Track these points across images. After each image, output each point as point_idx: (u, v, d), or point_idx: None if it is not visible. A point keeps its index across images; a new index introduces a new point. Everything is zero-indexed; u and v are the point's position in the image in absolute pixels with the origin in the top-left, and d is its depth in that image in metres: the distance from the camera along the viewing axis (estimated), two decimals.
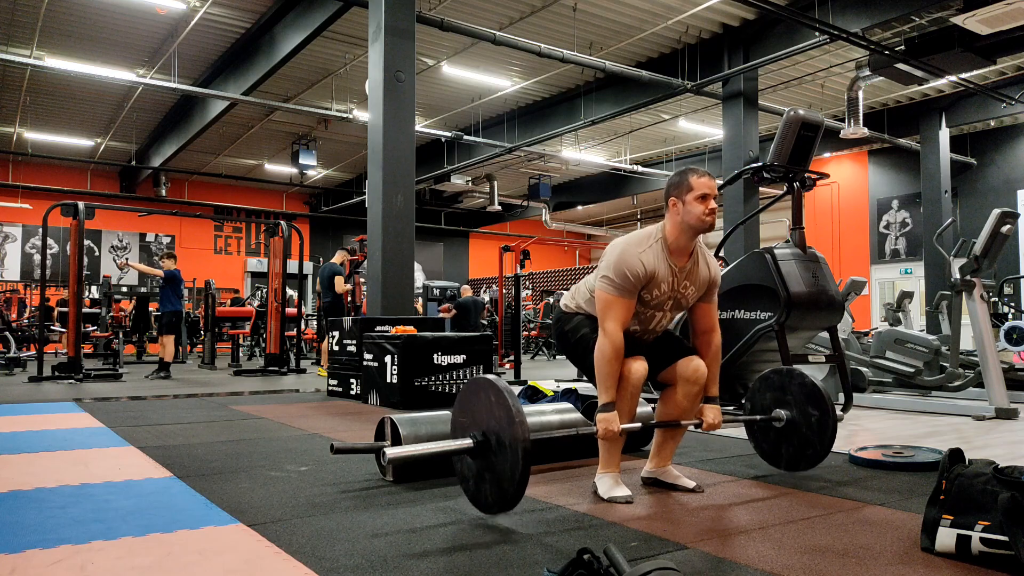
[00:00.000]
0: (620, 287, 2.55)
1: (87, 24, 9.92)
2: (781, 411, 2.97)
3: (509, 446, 2.16)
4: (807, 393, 2.91)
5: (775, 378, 3.04)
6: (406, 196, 6.94)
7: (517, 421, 2.13)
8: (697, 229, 2.58)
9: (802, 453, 2.95)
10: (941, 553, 1.98)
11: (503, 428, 2.19)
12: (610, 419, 2.51)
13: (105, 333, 12.63)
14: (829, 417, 2.85)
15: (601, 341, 2.53)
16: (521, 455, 2.11)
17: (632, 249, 2.58)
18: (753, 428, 3.13)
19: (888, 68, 9.73)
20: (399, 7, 7.05)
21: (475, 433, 2.30)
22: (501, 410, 2.21)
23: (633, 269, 2.54)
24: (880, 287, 15.93)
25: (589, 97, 12.19)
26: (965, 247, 5.67)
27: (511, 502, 2.20)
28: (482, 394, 2.30)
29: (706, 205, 2.55)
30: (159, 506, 2.55)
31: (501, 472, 2.20)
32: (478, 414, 2.32)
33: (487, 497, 2.28)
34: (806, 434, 2.91)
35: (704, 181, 2.58)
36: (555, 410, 3.42)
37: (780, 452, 3.03)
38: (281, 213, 19.21)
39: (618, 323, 2.53)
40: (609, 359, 2.51)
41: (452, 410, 2.45)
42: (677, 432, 2.82)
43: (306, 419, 4.95)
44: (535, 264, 17.39)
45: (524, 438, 2.12)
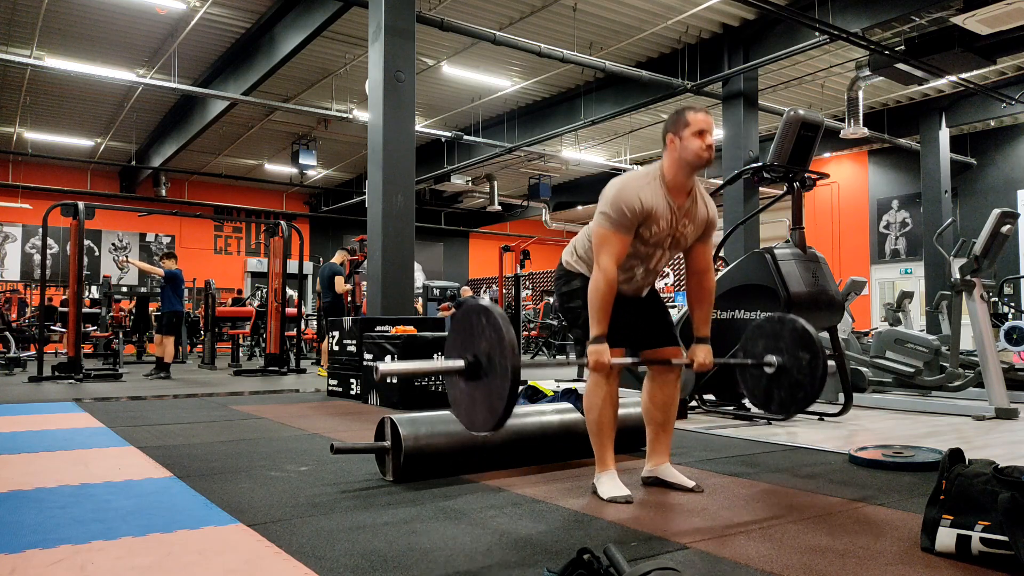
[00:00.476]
0: (617, 223, 2.55)
1: (87, 24, 9.92)
2: (772, 356, 2.98)
3: (499, 364, 2.20)
4: (798, 338, 2.93)
5: (767, 325, 3.06)
6: (406, 196, 6.94)
7: (507, 341, 2.17)
8: (694, 165, 2.59)
9: (793, 396, 2.95)
10: (941, 553, 1.98)
11: (494, 348, 2.22)
12: (601, 351, 2.52)
13: (105, 333, 12.63)
14: (820, 360, 2.86)
15: (595, 275, 2.55)
16: (511, 372, 2.15)
17: (631, 184, 2.59)
18: (745, 375, 3.14)
19: (888, 68, 9.73)
20: (399, 7, 7.05)
21: (467, 355, 2.33)
22: (492, 331, 2.24)
23: (631, 204, 2.54)
24: (880, 287, 15.93)
25: (589, 97, 12.18)
26: (965, 247, 5.68)
27: (501, 418, 2.21)
28: (474, 319, 2.33)
29: (703, 140, 2.57)
30: (159, 506, 2.55)
31: (492, 390, 2.23)
32: (470, 338, 2.35)
33: (478, 416, 2.31)
34: (797, 378, 2.92)
35: (701, 117, 2.59)
36: (555, 410, 3.42)
37: (772, 396, 3.03)
38: (281, 213, 19.21)
39: (613, 258, 2.55)
40: (603, 293, 2.52)
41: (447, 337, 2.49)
42: (668, 426, 2.82)
43: (306, 419, 4.95)
44: (535, 264, 17.38)
45: (514, 355, 2.16)
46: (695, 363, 2.72)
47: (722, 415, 5.04)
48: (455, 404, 2.43)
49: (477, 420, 2.31)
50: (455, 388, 2.41)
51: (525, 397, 4.25)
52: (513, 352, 2.15)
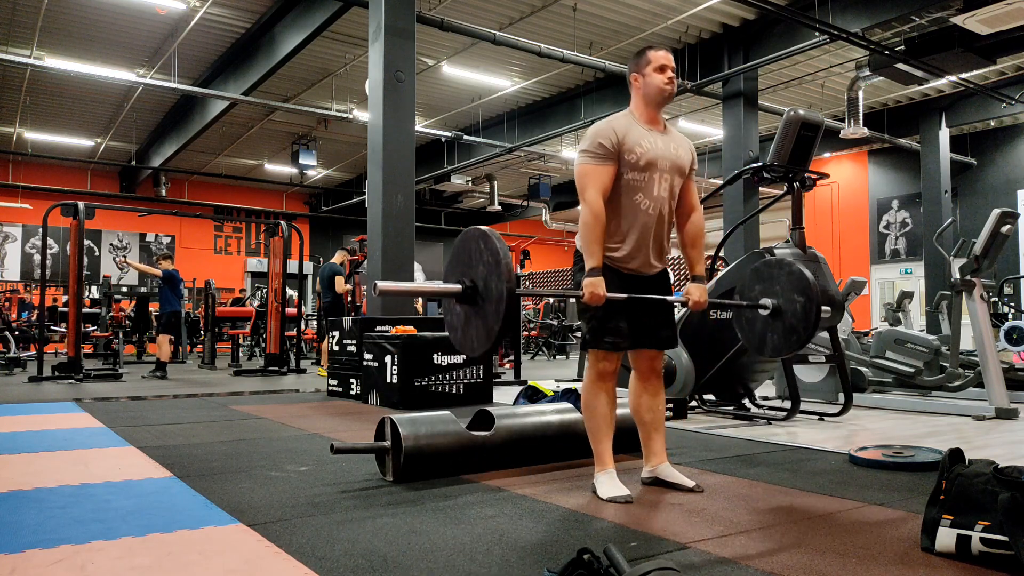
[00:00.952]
0: (595, 155, 2.63)
1: (87, 24, 9.92)
2: (767, 300, 3.01)
3: (495, 287, 2.23)
4: (793, 281, 2.96)
5: (764, 270, 3.09)
6: (406, 196, 6.94)
7: (503, 263, 2.20)
8: (658, 99, 2.72)
9: (786, 340, 2.98)
10: (941, 553, 1.98)
11: (490, 271, 2.25)
12: (596, 283, 2.54)
13: (105, 333, 12.63)
14: (813, 303, 2.89)
15: (583, 211, 2.61)
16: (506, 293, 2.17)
17: (603, 122, 2.72)
18: (741, 320, 3.16)
19: (888, 68, 9.73)
20: (399, 7, 7.05)
21: (464, 280, 2.36)
22: (489, 255, 2.27)
23: (604, 133, 2.64)
24: (880, 287, 15.93)
25: (589, 97, 12.18)
26: (965, 247, 5.68)
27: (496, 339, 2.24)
28: (472, 244, 2.36)
29: (664, 75, 2.71)
30: (159, 506, 2.55)
31: (487, 311, 2.26)
32: (468, 264, 2.38)
33: (473, 338, 2.34)
34: (791, 321, 2.95)
35: (661, 54, 2.75)
36: (555, 410, 3.42)
37: (766, 340, 3.07)
38: (281, 213, 19.21)
39: (597, 190, 2.60)
40: (591, 226, 2.58)
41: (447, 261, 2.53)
42: (658, 425, 2.82)
43: (306, 419, 4.95)
44: (535, 264, 17.39)
45: (509, 278, 2.19)
46: (691, 301, 2.77)
47: (722, 415, 5.04)
48: (451, 328, 2.48)
49: (471, 342, 2.36)
50: (451, 312, 2.46)
51: (525, 397, 4.26)
52: (509, 275, 2.19)
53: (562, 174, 18.30)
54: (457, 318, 2.42)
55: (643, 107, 2.75)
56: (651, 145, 2.68)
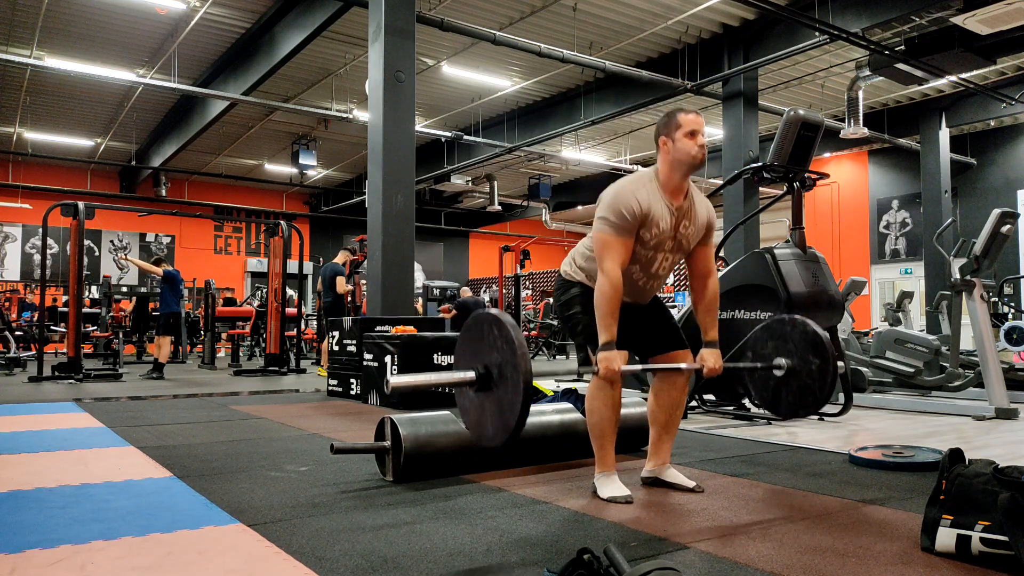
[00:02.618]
0: (617, 226, 2.55)
1: (87, 24, 9.92)
2: (782, 359, 2.95)
3: (511, 377, 2.17)
4: (808, 341, 2.88)
5: (777, 327, 3.01)
6: (406, 196, 6.94)
7: (520, 353, 2.14)
8: (689, 165, 2.60)
9: (802, 400, 2.90)
10: (941, 553, 1.98)
11: (506, 359, 2.20)
12: (611, 357, 2.51)
13: (105, 333, 12.63)
14: (829, 364, 2.82)
15: (601, 281, 2.54)
16: (523, 385, 2.12)
17: (627, 187, 2.60)
18: (754, 377, 3.10)
19: (888, 68, 9.73)
20: (399, 7, 7.05)
21: (478, 366, 2.30)
22: (504, 342, 2.21)
23: (629, 206, 2.55)
24: (880, 287, 15.93)
25: (589, 97, 12.18)
26: (965, 247, 5.67)
27: (514, 432, 2.18)
28: (485, 328, 2.30)
29: (695, 141, 2.58)
30: (159, 506, 2.55)
31: (503, 402, 2.20)
32: (481, 348, 2.32)
33: (489, 428, 2.28)
34: (806, 382, 2.88)
35: (692, 118, 2.61)
36: (555, 410, 3.42)
37: (780, 400, 2.99)
38: (281, 213, 19.21)
39: (616, 263, 2.54)
40: (609, 298, 2.51)
41: (456, 344, 2.46)
42: (671, 428, 2.83)
43: (306, 419, 4.95)
44: (535, 264, 17.39)
45: (526, 368, 2.13)
46: (705, 368, 2.71)
47: (722, 415, 5.04)
48: (465, 414, 2.41)
49: (488, 432, 2.29)
50: (465, 398, 2.39)
51: None
52: (526, 364, 2.13)
53: (562, 174, 18.30)
54: (471, 403, 2.35)
55: (669, 173, 2.62)
56: (666, 226, 2.61)
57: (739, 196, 10.59)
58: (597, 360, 2.52)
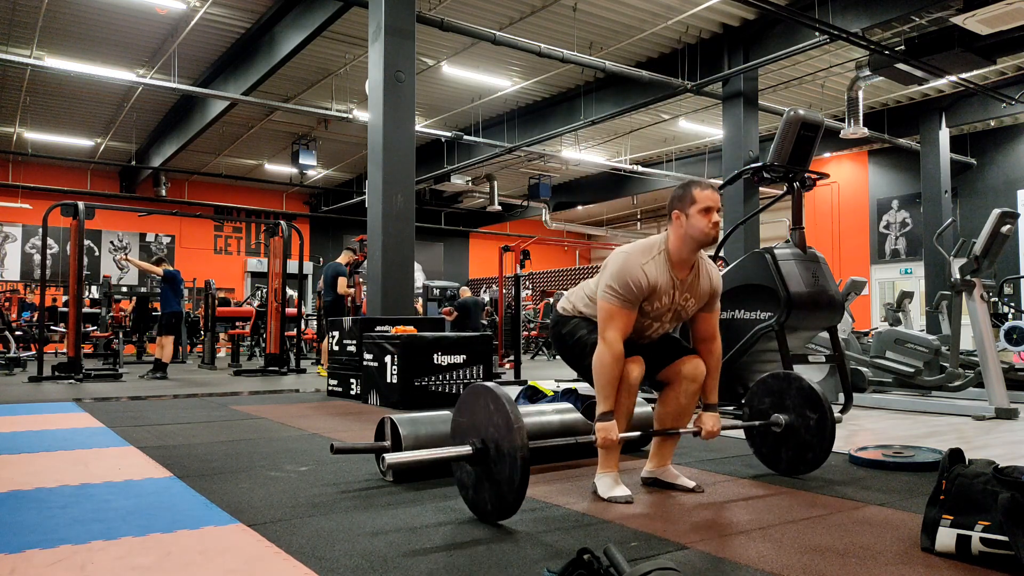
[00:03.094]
0: (622, 298, 2.54)
1: (87, 24, 9.92)
2: (780, 416, 2.96)
3: (508, 454, 2.16)
4: (805, 397, 2.91)
5: (773, 383, 3.03)
6: (406, 196, 6.94)
7: (516, 428, 2.13)
8: (701, 242, 2.58)
9: (802, 457, 2.95)
10: (941, 553, 1.98)
11: (502, 436, 2.19)
12: (609, 428, 2.52)
13: (105, 333, 12.63)
14: (827, 420, 2.85)
15: (601, 350, 2.53)
16: (520, 464, 2.11)
17: (635, 259, 2.58)
18: (752, 433, 3.13)
19: (888, 68, 9.73)
20: (399, 7, 7.05)
21: (474, 440, 2.30)
22: (500, 417, 2.21)
23: (636, 280, 2.54)
24: (880, 287, 15.93)
25: (589, 97, 12.18)
26: (965, 247, 5.67)
27: (510, 510, 2.20)
28: (481, 401, 2.30)
29: (709, 218, 2.54)
30: (159, 506, 2.55)
31: (500, 480, 2.20)
32: (478, 421, 2.32)
33: (486, 504, 2.29)
34: (805, 438, 2.91)
35: (707, 194, 2.57)
36: (555, 410, 3.42)
37: (780, 456, 3.03)
38: (281, 213, 19.21)
39: (619, 333, 2.53)
40: (609, 367, 2.51)
41: (452, 416, 2.45)
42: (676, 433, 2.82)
43: (306, 419, 4.95)
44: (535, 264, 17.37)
45: (523, 446, 2.12)
46: (703, 431, 2.71)
47: (722, 415, 5.03)
48: (463, 486, 2.42)
49: (485, 508, 2.30)
50: (463, 472, 2.40)
51: (525, 397, 4.25)
52: (522, 440, 2.12)
53: (562, 174, 18.31)
54: (468, 476, 2.37)
55: (680, 247, 2.59)
56: (670, 301, 2.62)
57: (739, 196, 10.59)
58: (595, 430, 2.54)
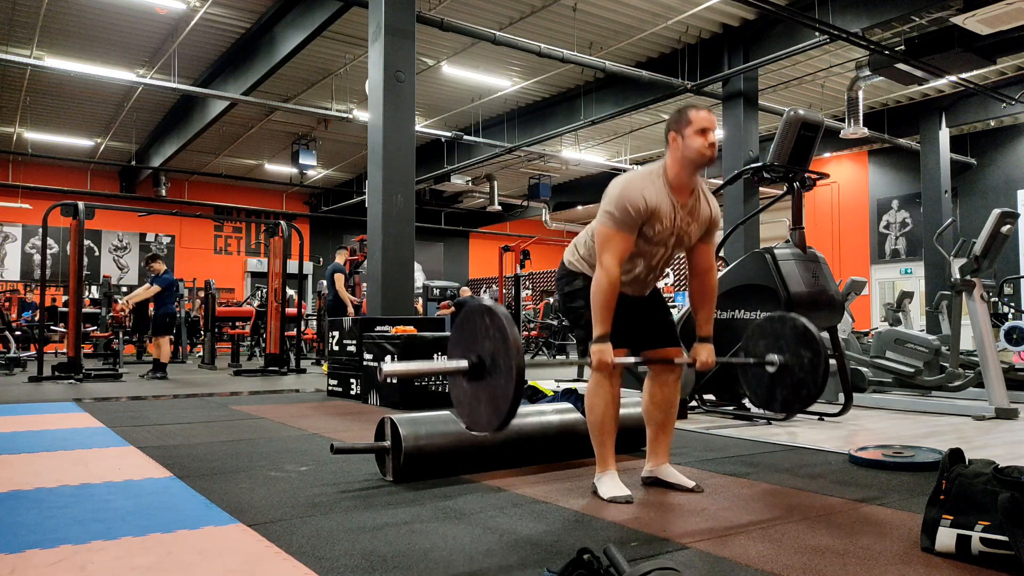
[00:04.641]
0: (621, 221, 2.54)
1: (87, 24, 9.92)
2: (774, 355, 2.97)
3: (503, 365, 2.18)
4: (799, 336, 2.91)
5: (767, 325, 3.04)
6: (406, 196, 6.94)
7: (511, 341, 2.16)
8: (697, 163, 2.59)
9: (796, 395, 2.93)
10: (941, 553, 1.98)
11: (498, 348, 2.21)
12: (604, 350, 2.52)
13: (105, 333, 12.62)
14: (821, 357, 2.84)
15: (598, 275, 2.54)
16: (516, 372, 2.13)
17: (635, 183, 2.58)
18: (748, 375, 3.12)
19: (888, 68, 9.73)
20: (399, 7, 7.05)
21: (471, 356, 2.32)
22: (496, 331, 2.22)
23: (635, 203, 2.53)
24: (880, 287, 15.93)
25: (589, 97, 12.18)
26: (965, 247, 5.68)
27: (506, 419, 2.19)
28: (477, 319, 2.32)
29: (706, 139, 2.56)
30: (159, 506, 2.55)
31: (496, 391, 2.22)
32: (474, 338, 2.33)
33: (482, 416, 2.29)
34: (800, 375, 2.90)
35: (703, 115, 2.59)
36: (555, 410, 3.42)
37: (775, 396, 3.00)
38: (281, 213, 19.21)
39: (616, 257, 2.54)
40: (605, 292, 2.51)
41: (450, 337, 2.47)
42: (667, 426, 2.83)
43: (306, 419, 4.95)
44: (535, 264, 17.37)
45: (519, 355, 2.14)
46: (697, 362, 2.73)
47: (722, 415, 5.04)
48: (458, 404, 2.42)
49: (481, 421, 2.30)
50: (458, 388, 2.41)
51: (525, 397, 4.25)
52: (518, 352, 2.14)
53: (562, 174, 18.30)
54: (464, 394, 2.37)
55: (678, 169, 2.60)
56: (670, 223, 2.61)
57: (739, 196, 10.59)
58: (591, 352, 2.54)
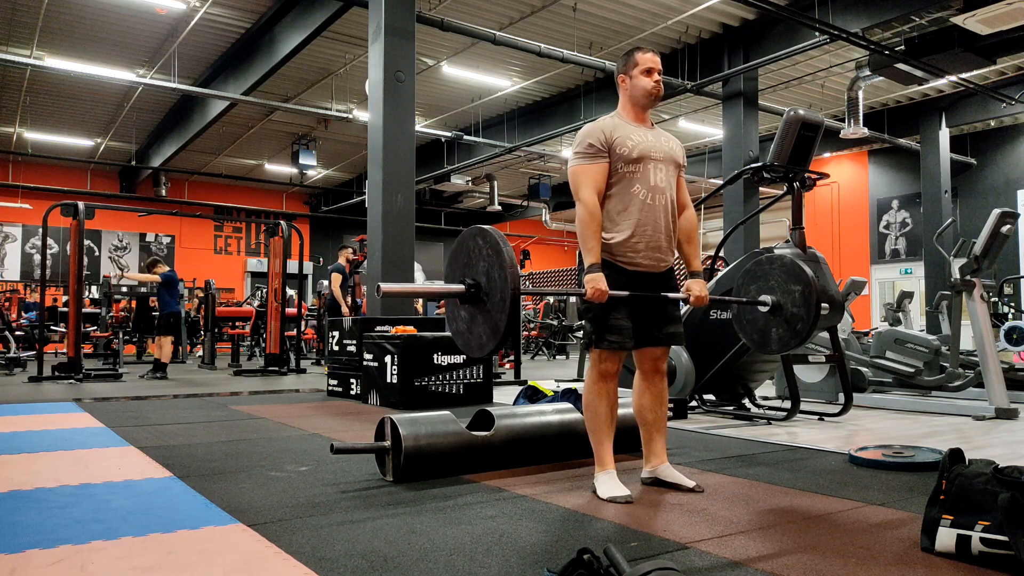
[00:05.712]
0: (587, 155, 2.69)
1: (87, 24, 9.92)
2: (766, 296, 3.02)
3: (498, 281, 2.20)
4: (787, 272, 2.97)
5: (755, 268, 3.11)
6: (406, 196, 6.94)
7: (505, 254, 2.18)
8: (644, 102, 2.78)
9: (792, 330, 2.97)
10: (941, 553, 1.98)
11: (492, 264, 2.23)
12: (596, 279, 2.57)
13: (105, 333, 12.63)
14: (811, 289, 2.88)
15: (579, 209, 2.66)
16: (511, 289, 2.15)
17: (591, 124, 2.78)
18: (742, 322, 3.15)
19: (888, 68, 9.73)
20: (399, 7, 7.05)
21: (467, 279, 2.34)
22: (489, 248, 2.25)
23: (593, 133, 2.70)
24: (880, 287, 15.93)
25: (589, 97, 12.18)
26: (965, 247, 5.67)
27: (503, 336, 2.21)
28: (471, 242, 2.34)
29: (651, 77, 2.77)
30: (159, 506, 2.55)
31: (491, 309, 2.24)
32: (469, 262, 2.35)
33: (481, 336, 2.31)
34: (792, 311, 2.95)
35: (648, 56, 2.79)
36: (555, 410, 3.42)
37: (771, 335, 3.05)
38: (281, 213, 19.21)
39: (591, 188, 2.65)
40: (588, 223, 2.62)
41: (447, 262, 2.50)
42: (660, 424, 2.82)
43: (306, 419, 4.95)
44: (535, 264, 17.39)
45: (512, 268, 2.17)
46: (691, 297, 2.79)
47: (722, 415, 5.04)
48: (456, 333, 2.47)
49: (477, 342, 2.34)
50: (455, 316, 2.44)
51: (525, 397, 4.26)
52: (512, 265, 2.18)
53: (562, 174, 18.28)
54: (462, 321, 2.40)
55: (630, 107, 2.81)
56: (641, 138, 2.74)
57: (739, 196, 10.59)
58: (584, 282, 2.58)
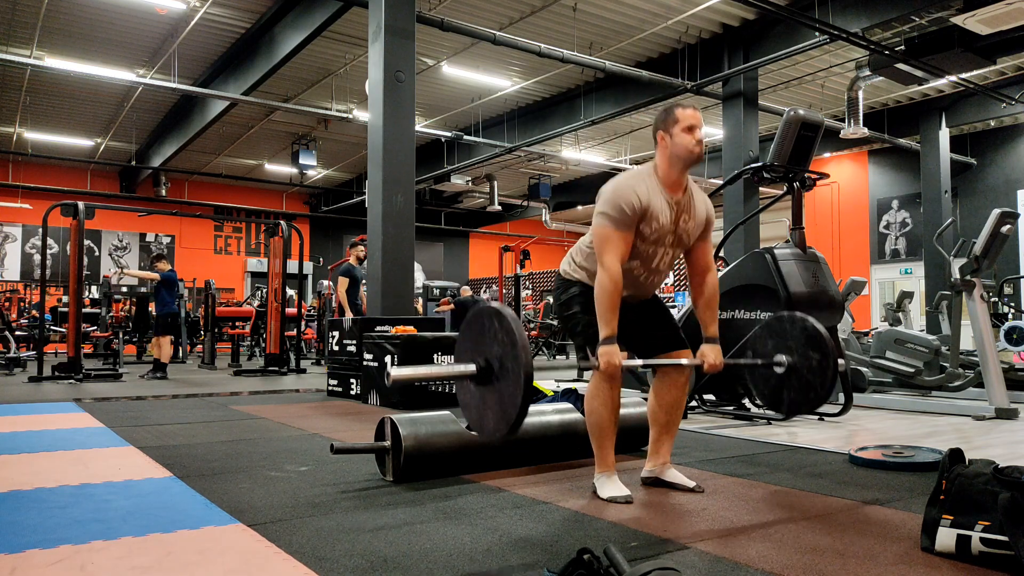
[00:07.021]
0: (617, 220, 2.55)
1: (87, 24, 9.92)
2: (782, 356, 2.93)
3: (511, 369, 2.16)
4: (808, 337, 2.86)
5: (776, 324, 2.98)
6: (406, 196, 6.94)
7: (520, 345, 2.14)
8: (686, 160, 2.61)
9: (804, 397, 2.88)
10: (941, 553, 1.98)
11: (506, 352, 2.19)
12: (611, 352, 2.50)
13: (105, 333, 12.63)
14: (830, 360, 2.80)
15: (601, 276, 2.54)
16: (524, 378, 2.11)
17: (627, 182, 2.61)
18: (755, 375, 3.08)
19: (888, 68, 9.73)
20: (399, 7, 7.05)
21: (479, 359, 2.30)
22: (505, 335, 2.20)
23: (628, 201, 2.55)
24: (880, 287, 15.93)
25: (589, 97, 12.18)
26: (965, 247, 5.67)
27: (514, 424, 2.18)
28: (486, 322, 2.29)
29: (694, 136, 2.59)
30: (159, 506, 2.55)
31: (503, 395, 2.20)
32: (482, 342, 2.31)
33: (490, 421, 2.27)
34: (808, 378, 2.85)
35: (690, 112, 2.63)
36: (555, 410, 3.42)
37: (782, 397, 2.96)
38: (281, 213, 19.20)
39: (616, 257, 2.54)
40: (609, 293, 2.51)
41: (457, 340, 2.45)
42: (672, 428, 2.83)
43: (306, 419, 4.95)
44: (535, 264, 17.37)
45: (527, 361, 2.13)
46: (705, 364, 2.71)
47: (722, 415, 5.04)
48: (465, 408, 2.40)
49: (489, 425, 2.29)
50: (466, 392, 2.39)
51: None
52: (527, 358, 2.12)
53: (562, 174, 18.30)
54: (472, 397, 2.35)
55: (667, 168, 2.63)
56: (666, 220, 2.62)
57: (739, 196, 10.58)
58: (597, 355, 2.52)
